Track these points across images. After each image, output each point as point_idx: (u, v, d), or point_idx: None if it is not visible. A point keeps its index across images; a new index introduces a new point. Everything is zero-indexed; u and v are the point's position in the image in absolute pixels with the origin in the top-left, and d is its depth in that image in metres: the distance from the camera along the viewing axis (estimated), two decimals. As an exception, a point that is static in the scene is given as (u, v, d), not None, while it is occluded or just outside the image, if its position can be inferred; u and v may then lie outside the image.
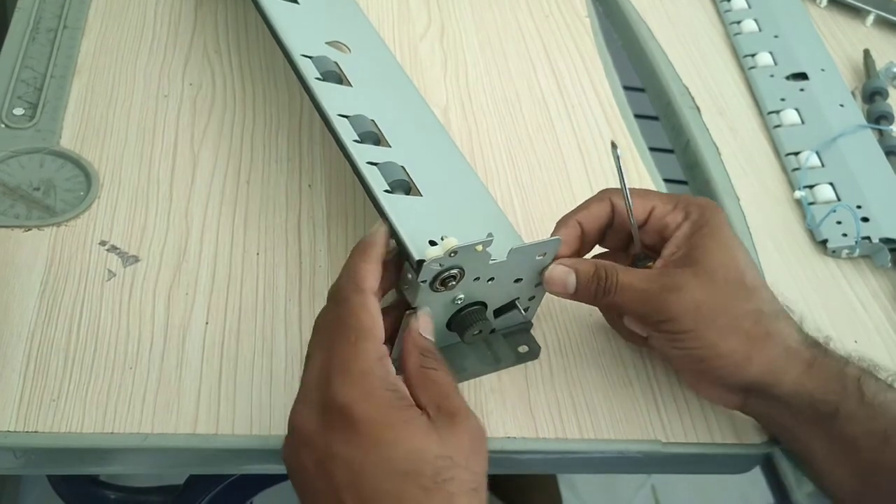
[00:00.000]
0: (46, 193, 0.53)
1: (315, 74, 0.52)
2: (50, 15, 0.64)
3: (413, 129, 0.53)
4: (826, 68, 0.73)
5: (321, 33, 0.56)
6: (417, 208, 0.46)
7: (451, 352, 0.48)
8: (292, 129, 0.61)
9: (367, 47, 0.58)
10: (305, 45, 0.54)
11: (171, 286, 0.50)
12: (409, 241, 0.43)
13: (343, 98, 0.51)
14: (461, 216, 0.48)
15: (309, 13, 0.58)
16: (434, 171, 0.50)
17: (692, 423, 0.49)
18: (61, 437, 0.43)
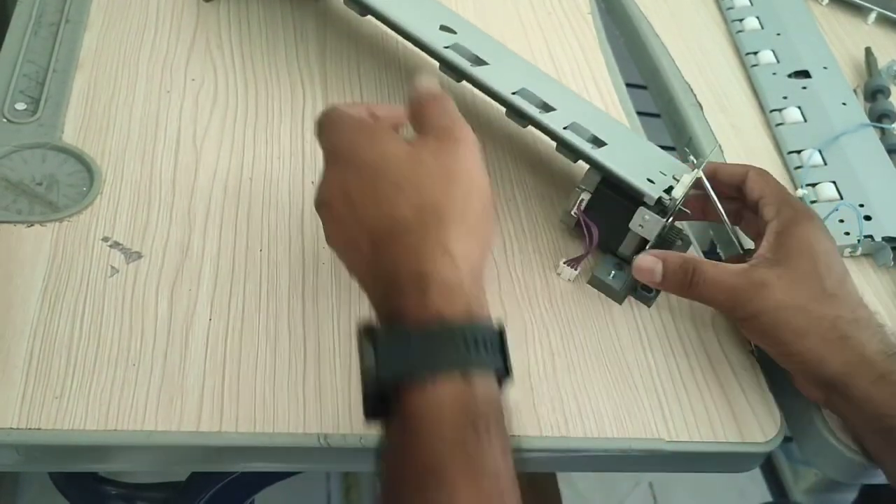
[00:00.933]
0: (49, 189, 0.53)
1: (468, 64, 0.56)
2: (52, 9, 0.63)
3: (553, 91, 0.57)
4: (828, 66, 0.73)
5: (430, 20, 0.60)
6: (615, 155, 0.52)
7: None
8: (295, 124, 0.61)
9: (463, 26, 0.61)
10: (434, 38, 0.57)
11: (174, 282, 0.50)
12: (639, 182, 0.51)
13: (498, 77, 0.55)
14: (638, 153, 0.55)
15: (406, 6, 0.60)
16: (597, 123, 0.55)
17: (695, 422, 0.49)
18: (64, 435, 0.43)
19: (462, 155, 0.43)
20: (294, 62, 0.65)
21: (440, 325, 0.37)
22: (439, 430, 0.35)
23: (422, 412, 0.36)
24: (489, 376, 0.37)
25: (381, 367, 0.37)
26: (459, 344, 0.37)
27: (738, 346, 0.54)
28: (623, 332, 0.53)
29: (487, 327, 0.38)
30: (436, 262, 0.39)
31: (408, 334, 0.38)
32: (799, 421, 0.52)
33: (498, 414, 0.37)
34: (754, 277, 0.48)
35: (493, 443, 0.35)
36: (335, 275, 0.52)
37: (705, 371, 0.52)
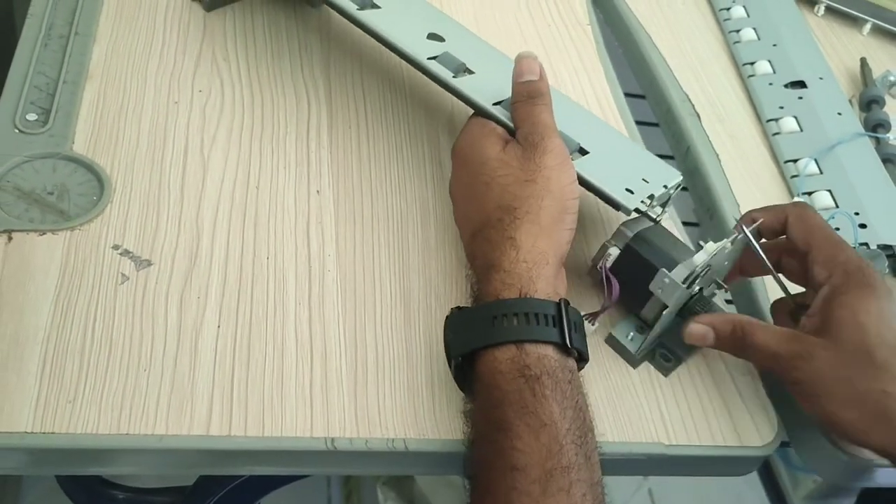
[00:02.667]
0: (60, 198, 0.54)
1: (450, 74, 0.56)
2: (61, 21, 0.65)
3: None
4: (824, 76, 0.75)
5: (418, 30, 0.60)
6: (597, 164, 0.53)
7: (672, 339, 0.53)
8: (300, 134, 0.62)
9: (454, 33, 0.61)
10: (419, 48, 0.58)
11: (184, 290, 0.51)
12: (616, 192, 0.51)
13: (482, 87, 0.56)
14: (622, 161, 0.55)
15: (395, 15, 0.61)
16: (586, 131, 0.56)
17: (694, 426, 0.50)
18: (77, 438, 0.44)
19: (542, 163, 0.49)
20: (299, 73, 0.66)
21: (497, 306, 0.45)
22: (500, 386, 0.43)
23: (488, 376, 0.44)
24: (542, 345, 0.44)
25: (450, 345, 0.46)
26: (512, 320, 0.44)
27: (736, 351, 0.55)
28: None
29: (543, 305, 0.45)
30: (503, 254, 0.47)
31: (471, 315, 0.46)
32: (796, 425, 0.53)
33: (552, 374, 0.43)
34: (798, 347, 0.47)
35: (548, 396, 0.42)
36: (340, 283, 0.53)
37: (704, 376, 0.53)
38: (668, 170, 0.56)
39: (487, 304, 0.46)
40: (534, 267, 0.46)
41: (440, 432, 0.47)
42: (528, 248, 0.47)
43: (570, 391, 0.43)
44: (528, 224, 0.48)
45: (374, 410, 0.47)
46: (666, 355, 0.53)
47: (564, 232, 0.49)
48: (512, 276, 0.46)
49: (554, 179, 0.49)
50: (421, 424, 0.47)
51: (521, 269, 0.46)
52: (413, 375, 0.49)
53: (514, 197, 0.49)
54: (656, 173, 0.55)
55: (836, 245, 0.50)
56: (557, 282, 0.48)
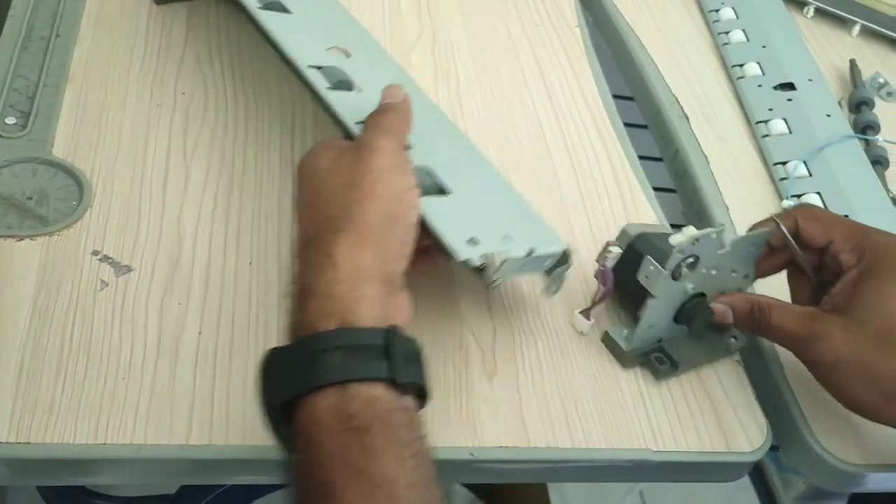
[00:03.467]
0: (39, 203, 0.53)
1: (326, 85, 0.53)
2: (42, 23, 0.64)
3: (428, 128, 0.53)
4: (813, 78, 0.74)
5: (320, 40, 0.57)
6: (448, 207, 0.48)
7: (675, 346, 0.52)
8: (284, 138, 0.61)
9: (365, 50, 0.59)
10: (309, 55, 0.54)
11: (164, 296, 0.50)
12: (449, 238, 0.45)
13: (359, 105, 0.51)
14: (491, 211, 0.50)
15: (303, 21, 0.58)
16: (458, 171, 0.51)
17: (682, 432, 0.50)
18: (54, 448, 0.43)
19: (370, 164, 0.43)
20: (283, 76, 0.65)
21: (314, 340, 0.38)
22: (323, 443, 0.36)
23: (308, 430, 0.36)
24: (369, 383, 0.37)
25: (263, 393, 0.39)
26: (333, 356, 0.37)
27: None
28: (611, 342, 0.53)
29: (367, 335, 0.38)
30: (318, 274, 0.40)
31: (285, 355, 0.39)
32: (785, 429, 0.53)
33: (384, 420, 0.36)
34: (816, 327, 0.47)
35: (380, 448, 0.35)
36: (324, 287, 0.52)
37: (692, 381, 0.52)
38: (551, 236, 0.50)
39: (303, 340, 0.38)
40: (355, 288, 0.39)
41: (425, 440, 0.47)
42: (346, 265, 0.40)
43: (409, 437, 0.36)
44: (348, 235, 0.41)
45: (358, 418, 0.47)
46: (661, 359, 0.52)
47: (394, 244, 0.42)
48: (330, 302, 0.39)
49: (383, 182, 0.42)
50: (405, 432, 0.47)
51: (339, 291, 0.39)
52: (397, 382, 0.49)
53: (334, 205, 0.42)
54: (530, 234, 0.49)
55: (861, 230, 0.49)
56: (391, 304, 0.41)
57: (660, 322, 0.51)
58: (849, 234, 0.49)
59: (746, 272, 0.52)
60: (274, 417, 0.38)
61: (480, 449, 0.46)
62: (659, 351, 0.52)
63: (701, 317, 0.51)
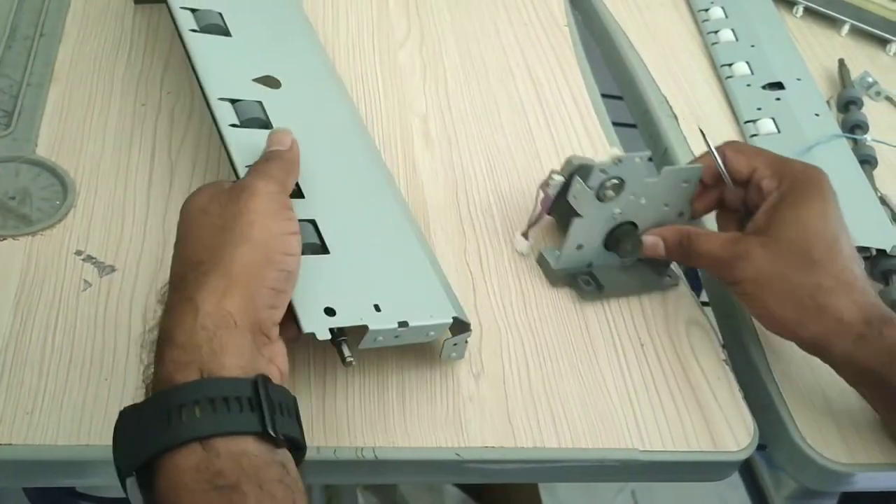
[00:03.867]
0: (22, 202, 0.52)
1: (231, 121, 0.50)
2: (26, 22, 0.63)
3: (340, 177, 0.50)
4: (802, 78, 0.74)
5: (250, 68, 0.54)
6: (321, 268, 0.44)
7: (604, 272, 0.55)
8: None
9: (305, 78, 0.56)
10: (229, 86, 0.52)
11: (148, 296, 0.50)
12: (300, 305, 0.42)
13: (259, 144, 0.47)
14: (371, 276, 0.46)
15: (241, 46, 0.56)
16: (352, 227, 0.48)
17: (669, 432, 0.50)
18: (35, 450, 0.43)
19: (246, 206, 0.40)
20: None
21: (172, 394, 0.35)
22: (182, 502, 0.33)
23: (169, 492, 0.34)
24: (237, 437, 0.35)
25: (116, 458, 0.36)
26: (192, 410, 0.34)
27: (712, 354, 0.54)
28: (598, 341, 0.53)
29: (233, 386, 0.35)
30: (178, 322, 0.37)
31: (140, 412, 0.36)
32: (772, 429, 0.53)
33: (254, 477, 0.34)
34: (738, 248, 0.49)
35: (249, 501, 0.33)
36: (310, 287, 0.52)
37: (679, 380, 0.52)
38: (442, 308, 0.46)
39: (159, 395, 0.35)
40: (216, 335, 0.36)
41: (410, 440, 0.46)
42: (209, 310, 0.37)
43: (283, 492, 0.34)
44: (215, 279, 0.38)
45: (343, 418, 0.46)
46: (587, 280, 0.55)
47: (265, 291, 0.39)
48: (188, 351, 0.36)
49: (258, 226, 0.40)
50: (391, 432, 0.46)
51: (199, 339, 0.36)
52: (382, 382, 0.48)
53: (203, 248, 0.39)
54: (414, 304, 0.45)
55: (781, 160, 0.52)
56: (260, 357, 0.38)
57: (588, 244, 0.54)
58: (770, 162, 0.52)
59: (681, 209, 0.55)
60: (130, 484, 0.35)
61: (466, 449, 0.46)
62: (587, 274, 0.55)
63: (628, 242, 0.53)
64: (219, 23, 0.56)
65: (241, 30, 0.56)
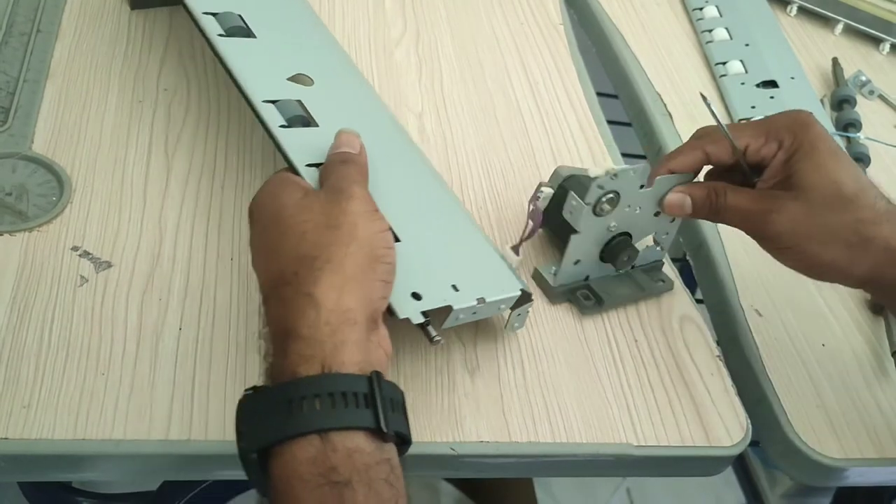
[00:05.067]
0: (19, 199, 0.52)
1: (279, 122, 0.51)
2: (23, 18, 0.63)
3: (391, 168, 0.51)
4: (796, 76, 0.75)
5: (283, 67, 0.55)
6: (398, 256, 0.45)
7: (602, 284, 0.55)
8: (266, 135, 0.61)
9: (334, 74, 0.57)
10: (267, 87, 0.52)
11: (145, 291, 0.50)
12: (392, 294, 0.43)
13: (313, 144, 0.49)
14: (441, 260, 0.48)
15: (268, 46, 0.56)
16: (412, 215, 0.49)
17: (663, 427, 0.50)
18: (32, 444, 0.43)
19: (347, 208, 0.43)
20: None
21: (294, 386, 0.37)
22: (299, 496, 0.35)
23: (284, 482, 0.35)
24: (351, 432, 0.36)
25: (239, 437, 0.37)
26: (313, 403, 0.36)
27: (705, 351, 0.54)
28: (592, 337, 0.54)
29: (351, 382, 0.37)
30: (300, 316, 0.38)
31: (264, 399, 0.37)
32: (765, 424, 0.53)
33: (364, 475, 0.35)
34: (769, 202, 0.48)
35: (359, 498, 0.34)
36: (306, 283, 0.52)
37: (673, 375, 0.53)
38: (507, 281, 0.48)
39: (283, 385, 0.37)
40: (338, 330, 0.38)
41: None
42: (330, 307, 0.39)
43: (388, 492, 0.35)
44: (331, 275, 0.40)
45: (339, 413, 0.47)
46: (587, 295, 0.54)
47: (377, 284, 0.41)
48: (312, 345, 0.38)
49: (361, 226, 0.42)
50: (386, 427, 0.47)
51: (322, 333, 0.38)
52: (379, 377, 0.49)
53: (313, 245, 0.41)
54: (483, 281, 0.48)
55: (763, 123, 0.51)
56: (372, 347, 0.40)
57: (585, 259, 0.53)
58: (757, 131, 0.51)
59: (672, 216, 0.54)
60: (249, 461, 0.37)
61: (461, 443, 0.47)
62: (585, 288, 0.54)
63: (625, 254, 0.53)
64: (241, 24, 0.56)
65: (263, 30, 0.57)
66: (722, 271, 0.60)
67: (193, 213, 0.55)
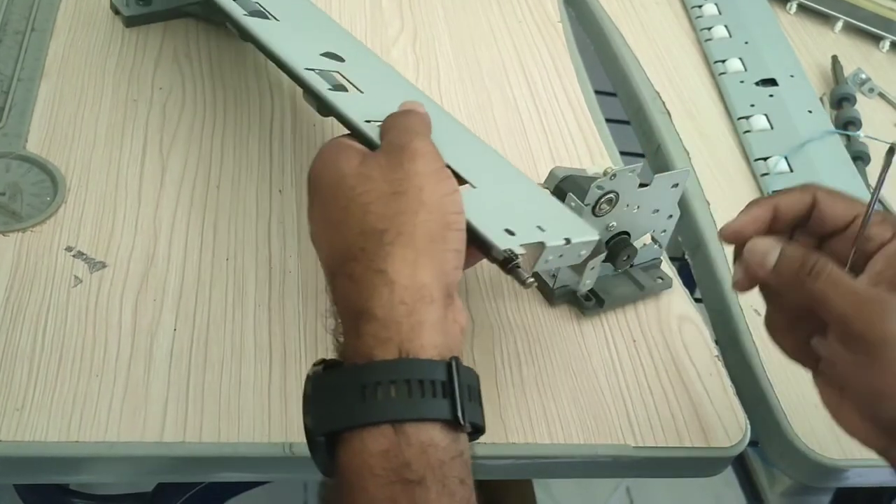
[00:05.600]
0: (12, 198, 0.52)
1: (325, 86, 0.50)
2: (17, 17, 0.63)
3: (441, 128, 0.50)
4: (795, 74, 0.74)
5: (312, 45, 0.55)
6: (479, 199, 0.44)
7: (602, 284, 0.54)
8: (262, 133, 0.61)
9: (356, 55, 0.57)
10: (303, 59, 0.52)
11: (139, 292, 0.49)
12: (488, 230, 0.42)
13: (362, 107, 0.48)
14: (518, 204, 0.47)
15: (292, 28, 0.56)
16: (477, 166, 0.48)
17: (661, 427, 0.49)
18: (25, 447, 0.42)
19: (411, 169, 0.39)
20: (263, 71, 0.65)
21: (369, 371, 0.35)
22: (368, 489, 0.33)
23: (353, 472, 0.34)
24: (427, 424, 0.34)
25: (307, 416, 0.36)
26: (388, 390, 0.34)
27: (704, 351, 0.54)
28: (590, 337, 0.53)
29: (429, 368, 0.35)
30: (372, 295, 0.36)
31: (337, 381, 0.35)
32: (764, 424, 0.53)
33: (438, 472, 0.33)
34: (886, 296, 0.37)
35: (431, 497, 0.33)
36: (302, 283, 0.52)
37: (671, 376, 0.52)
38: (582, 226, 0.47)
39: (357, 368, 0.35)
40: (415, 310, 0.36)
41: (402, 436, 0.46)
42: (405, 283, 0.36)
43: (461, 491, 0.33)
44: (402, 249, 0.37)
45: (335, 414, 0.46)
46: (587, 296, 0.54)
47: (450, 254, 0.39)
48: (388, 327, 0.35)
49: (428, 189, 0.39)
50: (383, 428, 0.46)
51: (398, 314, 0.36)
52: (375, 378, 0.48)
53: (378, 217, 0.38)
54: (561, 224, 0.46)
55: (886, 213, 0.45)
56: (449, 325, 0.37)
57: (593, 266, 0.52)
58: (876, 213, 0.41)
59: (670, 212, 0.53)
60: (315, 443, 0.36)
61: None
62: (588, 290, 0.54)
63: (625, 253, 0.52)
64: (261, 10, 0.56)
65: (284, 15, 0.56)
66: (721, 270, 0.60)
67: (188, 212, 0.54)
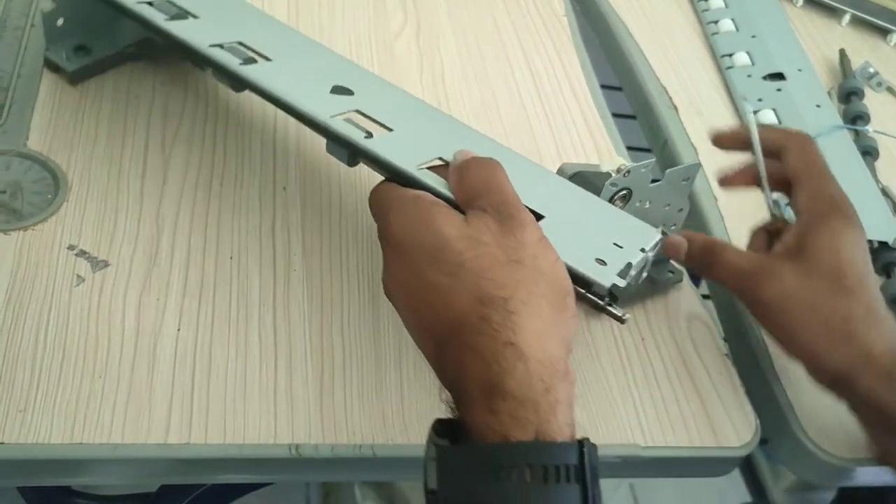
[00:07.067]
0: (13, 197, 0.51)
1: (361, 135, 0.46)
2: (17, 13, 0.62)
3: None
4: (803, 68, 0.74)
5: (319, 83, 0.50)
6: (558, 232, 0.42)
7: None
8: (266, 130, 0.60)
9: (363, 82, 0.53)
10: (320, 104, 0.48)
11: (142, 291, 0.49)
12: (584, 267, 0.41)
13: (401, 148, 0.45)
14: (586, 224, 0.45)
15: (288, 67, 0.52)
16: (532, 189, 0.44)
17: (671, 427, 0.49)
18: (28, 449, 0.42)
19: (523, 238, 0.38)
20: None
21: (505, 453, 0.33)
22: None
23: None
24: None
25: (443, 494, 0.35)
26: (524, 472, 0.33)
27: (713, 349, 0.54)
28: (598, 335, 0.53)
29: (563, 452, 0.34)
30: (505, 370, 0.35)
31: (469, 459, 0.34)
32: (774, 423, 0.52)
33: None
34: (767, 266, 0.48)
35: None
36: (307, 282, 0.51)
37: (681, 375, 0.52)
38: (643, 228, 0.46)
39: (493, 449, 0.34)
40: (552, 388, 0.35)
41: (409, 437, 0.46)
42: (538, 357, 0.35)
43: None
44: (529, 319, 0.36)
45: (341, 415, 0.46)
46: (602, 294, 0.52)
47: (571, 321, 0.38)
48: (525, 406, 0.34)
49: (541, 258, 0.38)
50: (389, 429, 0.46)
51: (535, 393, 0.34)
52: (381, 378, 0.48)
53: (497, 285, 0.36)
54: (629, 234, 0.45)
55: (828, 179, 0.50)
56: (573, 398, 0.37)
57: None
58: (819, 178, 0.50)
59: (681, 206, 0.53)
60: None
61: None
62: None
63: None
64: (251, 55, 0.52)
65: (273, 54, 0.52)
66: (729, 267, 0.59)
67: (191, 211, 0.54)
